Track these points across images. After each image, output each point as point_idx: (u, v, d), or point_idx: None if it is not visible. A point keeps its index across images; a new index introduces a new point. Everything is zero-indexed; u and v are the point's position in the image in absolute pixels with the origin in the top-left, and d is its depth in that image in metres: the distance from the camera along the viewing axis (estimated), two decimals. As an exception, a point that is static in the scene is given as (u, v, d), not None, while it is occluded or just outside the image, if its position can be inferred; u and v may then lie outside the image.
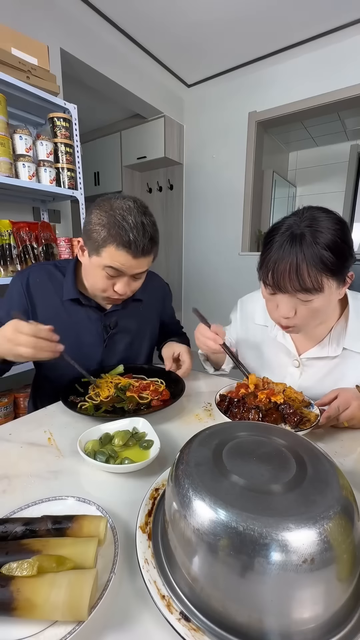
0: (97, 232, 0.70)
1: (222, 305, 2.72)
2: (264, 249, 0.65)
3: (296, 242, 0.58)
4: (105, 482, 0.48)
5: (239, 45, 2.12)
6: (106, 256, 0.71)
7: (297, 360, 0.78)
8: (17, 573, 0.29)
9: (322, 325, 0.74)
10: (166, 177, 2.96)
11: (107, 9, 1.84)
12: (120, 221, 0.68)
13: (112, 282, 0.75)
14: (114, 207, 0.70)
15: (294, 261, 0.58)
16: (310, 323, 0.67)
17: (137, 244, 0.69)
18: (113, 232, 0.68)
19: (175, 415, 0.69)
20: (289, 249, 0.59)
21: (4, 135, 1.25)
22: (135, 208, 0.71)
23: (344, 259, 0.59)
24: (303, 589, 0.25)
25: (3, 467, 0.51)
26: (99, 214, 0.71)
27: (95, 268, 0.74)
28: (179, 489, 0.31)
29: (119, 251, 0.69)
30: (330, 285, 0.60)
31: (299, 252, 0.58)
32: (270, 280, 0.62)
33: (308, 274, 0.58)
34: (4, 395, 1.52)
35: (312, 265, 0.57)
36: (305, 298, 0.61)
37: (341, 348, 0.72)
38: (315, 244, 0.57)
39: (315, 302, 0.62)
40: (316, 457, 0.33)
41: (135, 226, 0.69)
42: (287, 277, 0.59)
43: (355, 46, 2.00)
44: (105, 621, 0.29)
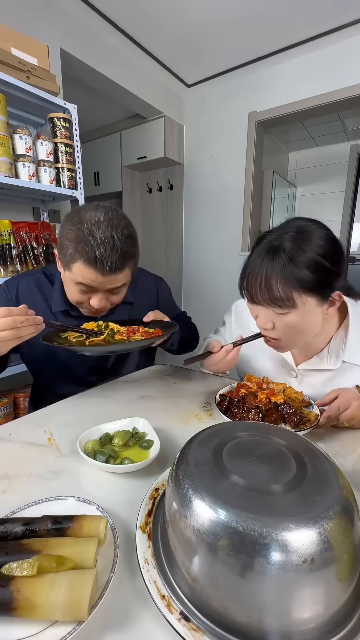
0: (66, 247, 0.67)
1: (221, 305, 2.71)
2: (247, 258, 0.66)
3: (269, 255, 0.59)
4: (105, 482, 0.48)
5: (239, 45, 2.12)
6: (76, 272, 0.68)
7: (295, 370, 0.77)
8: (17, 573, 0.29)
9: (319, 337, 0.71)
10: (166, 177, 2.96)
11: (107, 9, 1.84)
12: (86, 236, 0.64)
13: (87, 296, 0.72)
14: (83, 220, 0.66)
15: (264, 273, 0.59)
16: (292, 339, 0.66)
17: (104, 260, 0.65)
18: (79, 247, 0.65)
19: (175, 415, 0.69)
20: (260, 261, 0.60)
21: (4, 135, 1.25)
22: (106, 221, 0.66)
23: (322, 277, 0.58)
24: (303, 589, 0.25)
25: (3, 467, 0.51)
26: (68, 227, 0.67)
27: (69, 283, 0.72)
28: (179, 489, 0.31)
29: (86, 268, 0.66)
30: (304, 302, 0.59)
31: (269, 265, 0.58)
32: (246, 291, 0.64)
33: (277, 286, 0.58)
34: (4, 395, 1.52)
35: (281, 279, 0.58)
36: (279, 311, 0.61)
37: (340, 361, 0.70)
38: (290, 259, 0.57)
39: (291, 317, 0.61)
40: (316, 457, 0.33)
41: (102, 242, 0.64)
42: (258, 289, 0.60)
43: (356, 46, 2.00)
44: (105, 621, 0.29)
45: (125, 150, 2.93)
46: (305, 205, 3.67)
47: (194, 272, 3.03)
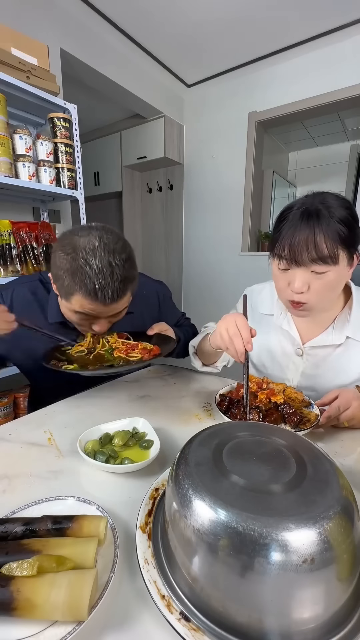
0: (62, 279, 0.63)
1: (222, 305, 2.71)
2: (278, 227, 0.67)
3: (313, 216, 0.62)
4: (105, 482, 0.48)
5: (239, 45, 2.12)
6: (75, 303, 0.64)
7: (301, 348, 0.78)
8: (17, 573, 0.29)
9: (327, 313, 0.75)
10: (166, 177, 2.96)
11: (107, 9, 1.84)
12: (82, 267, 0.60)
13: (88, 322, 0.69)
14: (76, 248, 0.61)
15: (311, 232, 0.61)
16: (321, 301, 0.68)
17: (105, 290, 0.61)
18: (76, 279, 0.60)
19: (175, 415, 0.69)
20: (306, 222, 0.62)
21: (3, 135, 1.25)
22: (102, 247, 0.61)
23: (354, 234, 0.63)
24: (303, 589, 0.25)
25: (3, 467, 0.51)
26: (61, 256, 0.62)
27: (68, 310, 0.69)
28: (179, 489, 0.31)
29: (86, 299, 0.62)
30: (343, 259, 0.63)
31: (317, 225, 0.61)
32: (287, 253, 0.64)
33: (325, 243, 0.61)
34: (4, 395, 1.52)
35: (328, 237, 0.61)
36: (321, 270, 0.63)
37: (344, 336, 0.73)
38: (330, 218, 0.61)
39: (329, 275, 0.64)
40: (316, 457, 0.33)
41: (100, 271, 0.60)
42: (305, 248, 0.62)
43: (355, 46, 2.00)
44: (105, 621, 0.29)
45: (125, 150, 2.93)
46: (305, 205, 3.66)
47: (194, 272, 3.02)
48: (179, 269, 3.07)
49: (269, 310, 0.85)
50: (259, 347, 0.87)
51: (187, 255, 3.03)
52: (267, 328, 0.85)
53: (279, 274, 0.69)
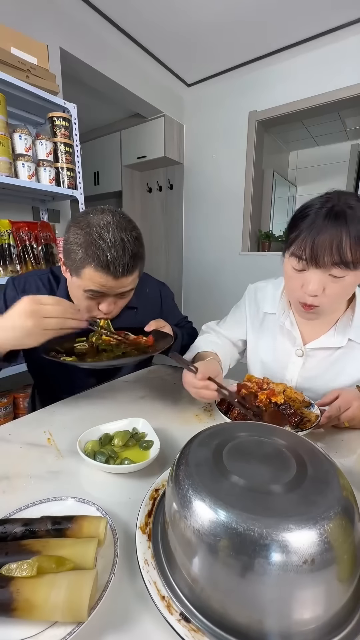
0: (75, 252, 0.65)
1: (222, 305, 2.72)
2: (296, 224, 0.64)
3: (340, 217, 0.60)
4: (105, 482, 0.48)
5: (239, 44, 2.12)
6: (86, 278, 0.66)
7: (301, 349, 0.78)
8: (16, 574, 0.29)
9: (330, 315, 0.74)
10: (166, 177, 2.96)
11: (107, 8, 1.84)
12: (96, 240, 0.63)
13: (95, 301, 0.71)
14: (90, 224, 0.65)
15: (338, 234, 0.59)
16: (333, 304, 0.67)
17: (117, 263, 0.64)
18: (90, 252, 0.63)
19: (175, 416, 0.68)
20: (332, 223, 0.60)
21: (3, 135, 1.25)
22: (114, 223, 0.65)
23: None
24: (303, 589, 0.25)
25: (3, 467, 0.51)
26: (75, 231, 0.66)
27: (77, 289, 0.70)
28: (179, 490, 0.31)
29: (98, 272, 0.65)
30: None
31: (343, 227, 0.59)
32: (308, 253, 0.62)
33: (350, 247, 0.59)
34: (4, 395, 1.52)
35: (354, 241, 0.59)
36: (339, 274, 0.62)
37: (347, 339, 0.72)
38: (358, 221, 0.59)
39: (347, 280, 0.62)
40: (316, 458, 0.33)
41: (113, 244, 0.63)
42: (328, 251, 0.60)
43: (356, 46, 1.99)
44: (105, 622, 0.29)
45: (125, 150, 2.92)
46: (305, 205, 3.67)
47: (193, 272, 3.02)
48: (178, 268, 3.07)
49: (272, 309, 0.84)
50: (259, 345, 0.87)
51: (187, 254, 3.03)
52: (270, 326, 0.84)
53: (294, 273, 0.67)
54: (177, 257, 3.05)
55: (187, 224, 2.97)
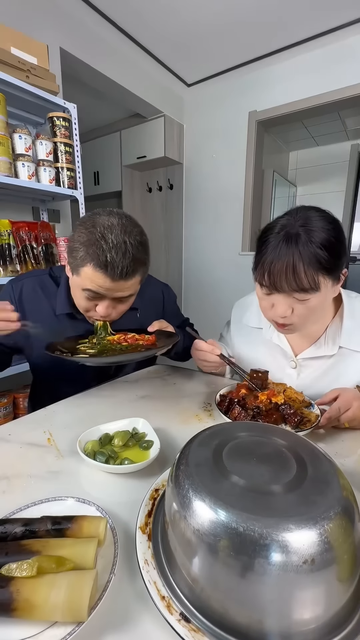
0: (77, 251, 0.66)
1: (222, 305, 2.71)
2: (259, 250, 0.65)
3: (292, 242, 0.59)
4: (105, 482, 0.48)
5: (239, 44, 2.12)
6: (84, 277, 0.66)
7: (294, 361, 0.78)
8: (16, 574, 0.29)
9: (317, 324, 0.74)
10: (166, 177, 2.95)
11: (107, 8, 1.83)
12: (98, 239, 0.63)
13: (93, 303, 0.71)
14: (96, 224, 0.65)
15: (290, 261, 0.58)
16: (306, 322, 0.67)
17: (115, 265, 0.64)
18: (90, 251, 0.63)
19: (175, 416, 0.69)
20: (285, 249, 0.59)
21: (3, 135, 1.25)
22: (119, 226, 0.65)
23: (338, 257, 0.60)
24: (303, 589, 0.25)
25: (3, 467, 0.51)
26: (80, 230, 0.66)
27: (76, 288, 0.71)
28: (179, 490, 0.31)
29: (96, 272, 0.64)
30: (326, 284, 0.61)
31: (295, 252, 0.58)
32: (267, 280, 0.62)
33: (305, 273, 0.58)
34: (4, 395, 1.52)
35: (308, 265, 0.58)
36: (302, 297, 0.61)
37: (337, 347, 0.72)
38: (311, 243, 0.58)
39: (312, 301, 0.62)
40: (316, 458, 0.33)
41: (114, 246, 0.63)
42: (284, 277, 0.60)
43: (356, 46, 1.99)
44: (105, 622, 0.29)
45: (125, 150, 2.92)
46: (306, 205, 3.66)
47: (193, 272, 3.02)
48: (178, 268, 3.07)
49: (258, 324, 0.84)
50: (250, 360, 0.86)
51: (187, 254, 3.03)
52: (258, 341, 0.84)
53: (262, 296, 0.68)
54: (177, 257, 3.05)
55: (187, 224, 2.97)
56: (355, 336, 0.71)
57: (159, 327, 0.81)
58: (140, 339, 0.75)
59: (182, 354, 0.97)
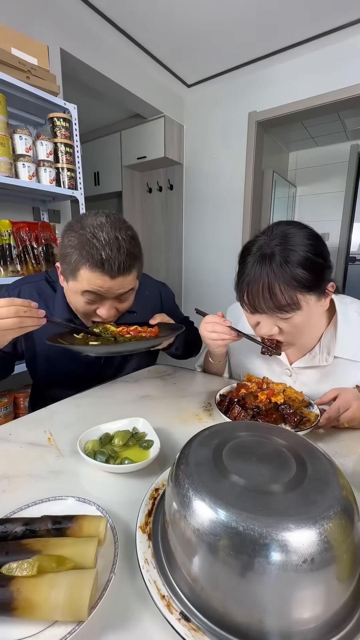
0: (70, 255, 0.65)
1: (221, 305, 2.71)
2: (238, 270, 0.65)
3: (266, 262, 0.58)
4: (105, 482, 0.48)
5: (239, 45, 2.12)
6: (82, 279, 0.65)
7: (289, 369, 0.77)
8: (17, 573, 0.29)
9: (310, 335, 0.73)
10: (166, 177, 2.96)
11: (107, 9, 1.84)
12: (90, 239, 0.62)
13: (94, 306, 0.70)
14: (84, 226, 0.64)
15: (265, 281, 0.58)
16: (296, 338, 0.66)
17: (112, 261, 0.63)
18: (84, 252, 0.63)
19: (175, 415, 0.69)
20: (259, 269, 0.59)
21: (3, 135, 1.25)
22: (108, 223, 0.65)
23: (318, 273, 0.59)
24: (303, 589, 0.25)
25: (3, 467, 0.51)
26: (69, 235, 0.65)
27: (75, 294, 0.69)
28: (179, 489, 0.31)
29: (94, 272, 0.64)
30: (307, 301, 0.60)
31: (270, 272, 0.58)
32: (247, 301, 0.62)
33: (281, 292, 0.58)
34: (4, 395, 1.52)
35: (284, 284, 0.57)
36: (283, 316, 0.61)
37: (332, 357, 0.71)
38: (286, 263, 0.57)
39: (296, 319, 0.61)
40: (316, 457, 0.33)
41: (107, 243, 0.63)
42: (262, 298, 0.59)
43: (356, 46, 2.00)
44: (105, 621, 0.29)
45: (125, 150, 2.93)
46: (305, 205, 3.67)
47: (193, 272, 3.03)
48: (178, 268, 3.07)
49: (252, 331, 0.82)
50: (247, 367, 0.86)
51: (187, 255, 3.03)
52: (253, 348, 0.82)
53: (248, 315, 0.67)
54: (177, 257, 3.05)
55: (187, 224, 2.97)
56: (350, 345, 0.70)
57: (161, 319, 0.81)
58: (143, 332, 0.75)
59: (183, 350, 0.97)
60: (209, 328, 0.71)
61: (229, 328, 0.70)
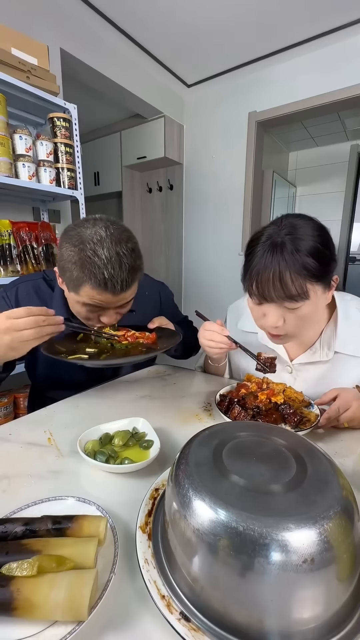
0: (70, 271, 0.63)
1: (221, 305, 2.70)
2: (246, 260, 0.65)
3: (277, 251, 0.58)
4: (105, 482, 0.48)
5: (239, 45, 2.12)
6: (84, 295, 0.65)
7: (290, 366, 0.78)
8: (17, 573, 0.29)
9: (311, 330, 0.73)
10: (166, 177, 2.96)
11: (107, 9, 1.84)
12: (91, 257, 0.60)
13: (96, 314, 0.70)
14: (83, 240, 0.62)
15: (276, 270, 0.58)
16: (300, 331, 0.66)
17: (114, 280, 0.62)
18: (85, 270, 0.61)
19: (175, 415, 0.69)
20: (270, 258, 0.59)
21: (3, 135, 1.25)
22: (108, 237, 0.62)
23: (326, 263, 0.60)
24: (303, 589, 0.25)
25: (3, 467, 0.51)
26: (68, 248, 0.63)
27: (75, 303, 0.69)
28: (179, 489, 0.31)
29: (95, 290, 0.63)
30: (315, 291, 0.60)
31: (281, 260, 0.58)
32: (255, 290, 0.62)
33: (292, 281, 0.58)
34: (4, 395, 1.52)
35: (295, 273, 0.58)
36: (291, 306, 0.61)
37: (332, 352, 0.71)
38: (297, 251, 0.57)
39: (303, 309, 0.61)
40: (316, 457, 0.33)
41: (109, 261, 0.61)
42: (272, 286, 0.59)
43: (355, 46, 2.00)
44: (105, 621, 0.29)
45: (125, 150, 2.93)
46: (305, 205, 3.67)
47: (193, 272, 3.03)
48: (178, 268, 3.07)
49: (253, 328, 0.82)
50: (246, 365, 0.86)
51: (187, 255, 3.03)
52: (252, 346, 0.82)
53: (254, 306, 0.67)
54: (177, 257, 3.05)
55: (187, 224, 2.97)
56: (350, 341, 0.70)
57: (159, 323, 0.81)
58: (141, 337, 0.75)
59: (183, 351, 0.97)
60: (207, 336, 0.72)
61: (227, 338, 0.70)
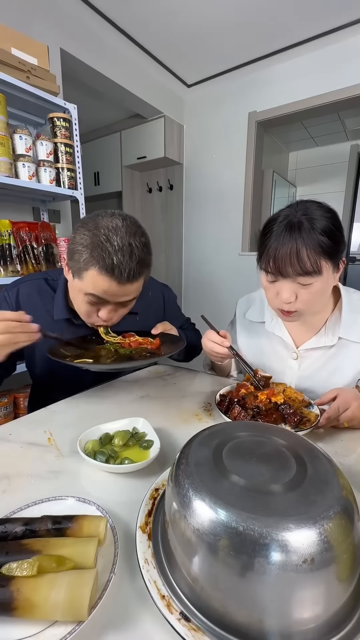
0: (79, 253, 0.63)
1: (222, 305, 2.71)
2: (263, 239, 0.69)
3: (295, 229, 0.63)
4: (105, 482, 0.48)
5: (239, 45, 2.12)
6: (88, 281, 0.64)
7: (295, 352, 0.80)
8: (17, 573, 0.29)
9: (318, 316, 0.77)
10: (166, 177, 2.96)
11: (107, 9, 1.84)
12: (103, 242, 0.61)
13: (95, 308, 0.70)
14: (99, 226, 0.63)
15: (294, 246, 0.62)
16: (310, 308, 0.70)
17: (122, 268, 0.62)
18: (95, 254, 0.61)
19: (175, 415, 0.69)
20: (288, 236, 0.63)
21: (3, 135, 1.25)
22: (124, 227, 0.63)
23: (337, 243, 0.64)
24: (303, 589, 0.25)
25: (3, 467, 0.51)
26: (82, 232, 0.64)
27: (78, 292, 0.69)
28: (179, 489, 0.31)
29: (101, 276, 0.62)
30: (327, 268, 0.65)
31: (299, 238, 0.62)
32: (272, 266, 0.66)
33: (308, 257, 0.62)
34: (4, 395, 1.52)
35: (311, 249, 0.62)
36: (305, 282, 0.65)
37: (337, 337, 0.75)
38: (313, 230, 0.62)
39: (315, 285, 0.65)
40: (316, 457, 0.33)
41: (120, 248, 0.61)
42: (289, 262, 0.63)
43: (355, 46, 2.00)
44: (105, 621, 0.29)
45: (125, 150, 2.92)
46: (305, 205, 3.66)
47: (193, 272, 3.02)
48: (178, 268, 3.07)
49: (260, 318, 0.87)
50: (253, 354, 0.88)
51: (187, 255, 3.03)
52: (261, 335, 0.87)
53: (268, 284, 0.71)
54: (177, 257, 3.05)
55: (187, 224, 2.97)
56: (353, 328, 0.74)
57: (163, 329, 0.81)
58: (145, 343, 0.75)
59: (185, 355, 0.97)
60: (208, 345, 0.77)
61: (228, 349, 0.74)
